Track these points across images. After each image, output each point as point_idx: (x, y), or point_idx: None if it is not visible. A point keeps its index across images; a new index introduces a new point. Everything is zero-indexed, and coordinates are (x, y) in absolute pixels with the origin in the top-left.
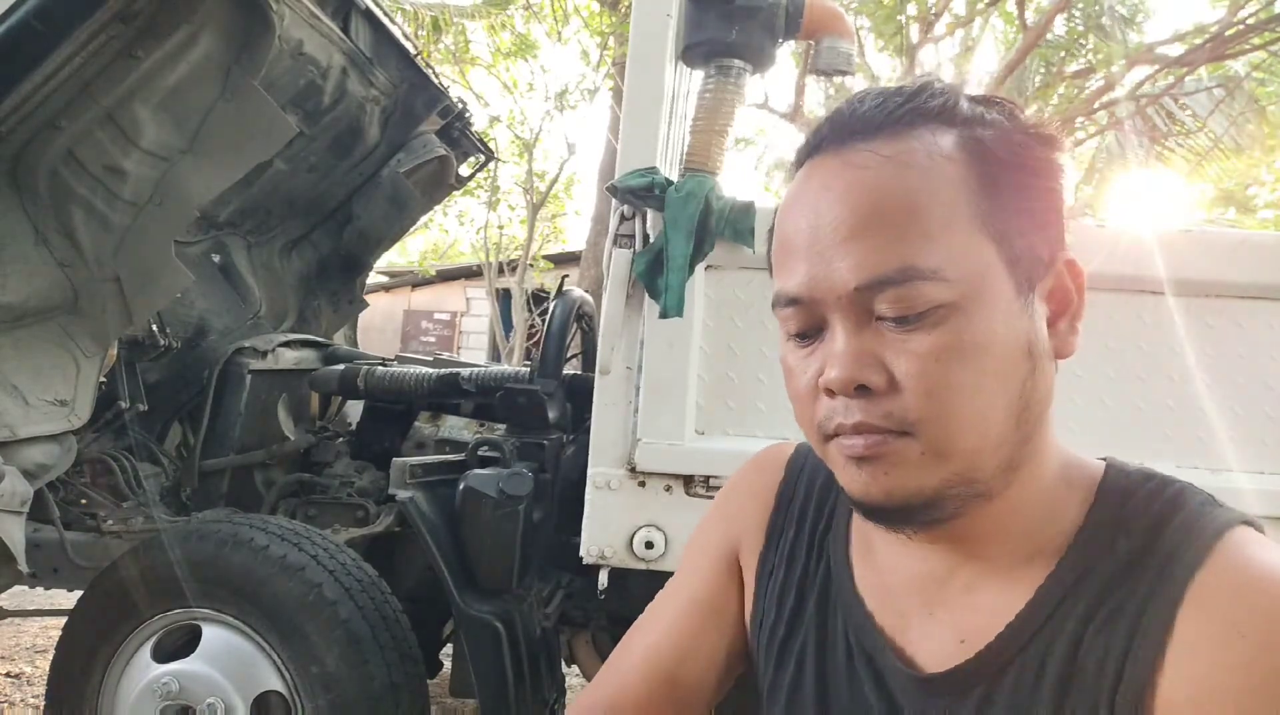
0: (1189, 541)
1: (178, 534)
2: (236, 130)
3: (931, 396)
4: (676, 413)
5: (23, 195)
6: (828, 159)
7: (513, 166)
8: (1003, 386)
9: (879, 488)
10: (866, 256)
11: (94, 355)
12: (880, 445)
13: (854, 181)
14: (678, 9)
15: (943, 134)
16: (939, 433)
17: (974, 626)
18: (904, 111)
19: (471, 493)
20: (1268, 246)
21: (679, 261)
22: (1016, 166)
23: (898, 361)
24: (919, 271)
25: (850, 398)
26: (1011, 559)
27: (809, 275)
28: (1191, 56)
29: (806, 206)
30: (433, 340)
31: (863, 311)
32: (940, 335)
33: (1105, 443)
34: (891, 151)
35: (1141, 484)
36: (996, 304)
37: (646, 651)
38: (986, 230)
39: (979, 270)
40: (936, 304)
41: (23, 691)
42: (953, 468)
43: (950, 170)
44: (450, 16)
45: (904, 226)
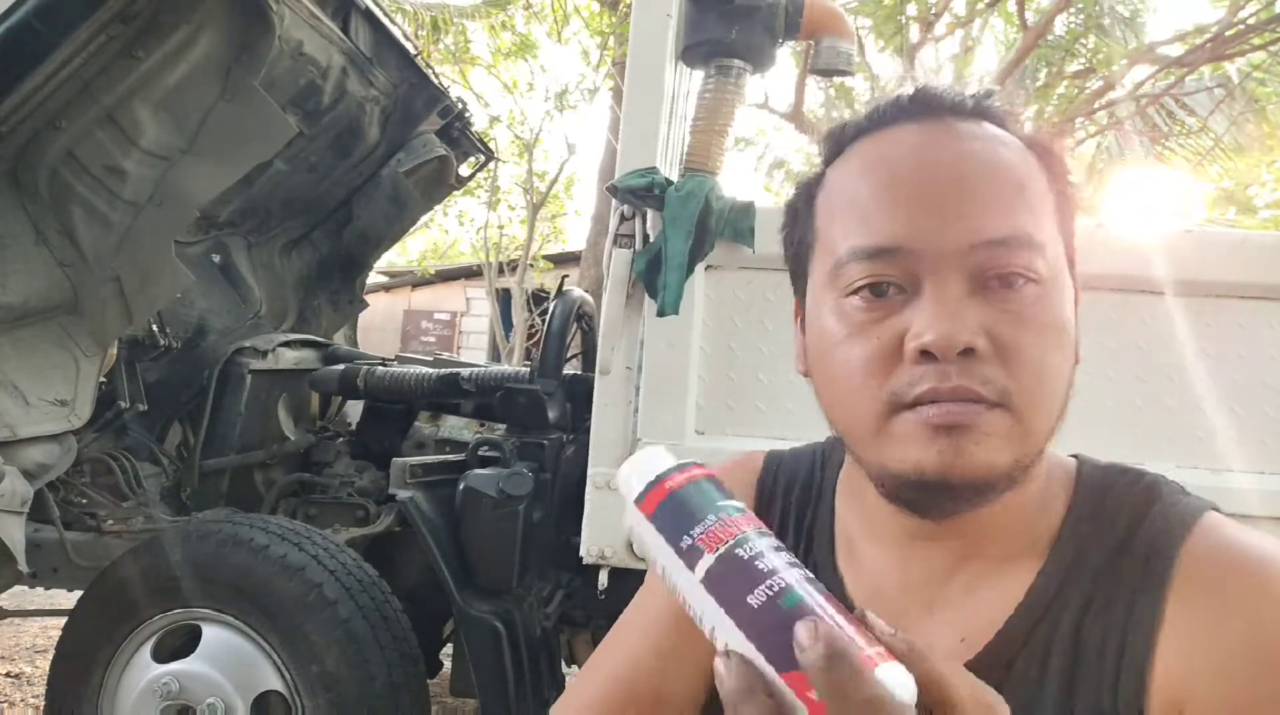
0: (1169, 528)
1: (178, 534)
2: (236, 130)
3: (1031, 369)
4: (676, 413)
5: (23, 195)
6: (916, 128)
7: (513, 166)
8: (1067, 373)
9: (964, 460)
10: (984, 218)
11: (94, 355)
12: (975, 415)
13: (967, 147)
14: (678, 9)
15: (1013, 136)
16: (1028, 406)
17: (974, 624)
18: (984, 106)
19: (471, 493)
20: (1268, 246)
21: (678, 260)
22: (1062, 175)
23: (1004, 329)
24: (1030, 240)
25: (948, 362)
26: (1007, 554)
27: (916, 226)
28: (1191, 57)
29: (906, 161)
30: (433, 340)
31: (966, 273)
32: (1039, 310)
33: (1105, 443)
34: (991, 133)
35: (1118, 477)
36: (1067, 293)
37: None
38: (1058, 226)
39: (1060, 259)
40: (1039, 278)
41: (23, 691)
42: (1028, 447)
43: (1035, 164)
44: (450, 16)
45: (1016, 198)
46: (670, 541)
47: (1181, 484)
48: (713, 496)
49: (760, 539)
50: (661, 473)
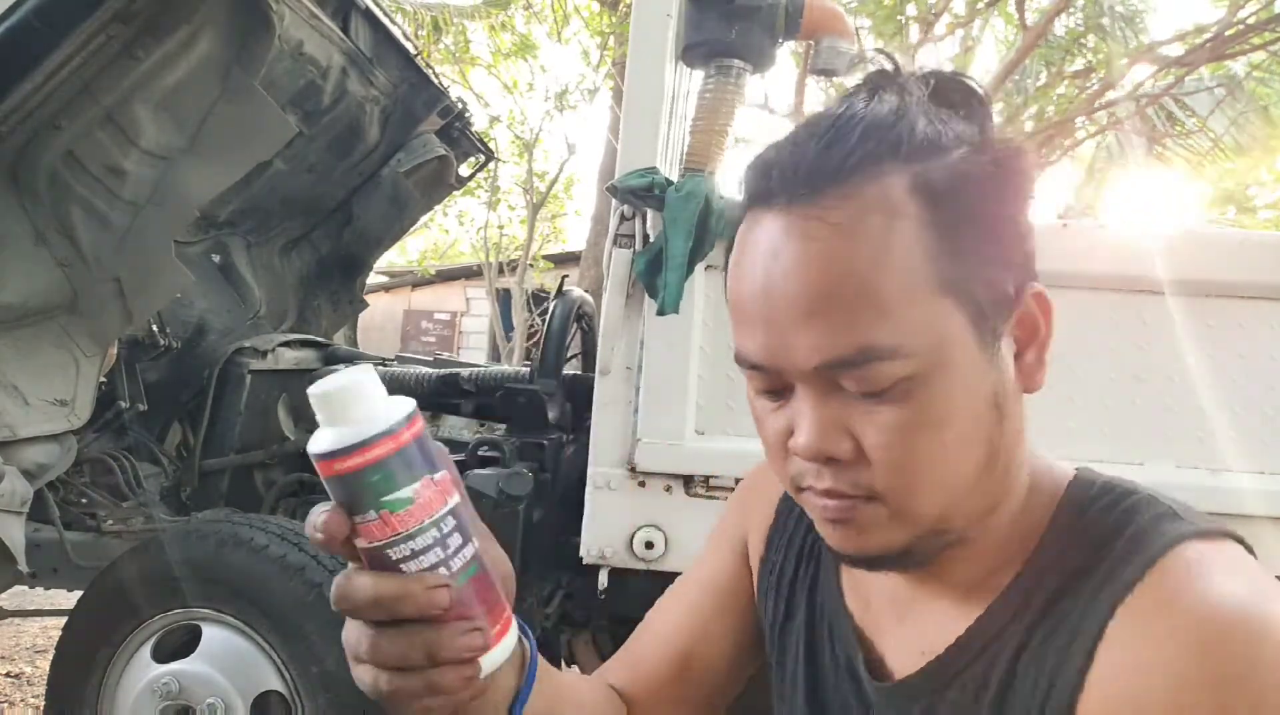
0: (1130, 558)
1: (177, 534)
2: (236, 130)
3: (897, 468)
4: (676, 413)
5: (22, 195)
6: (774, 218)
7: (513, 166)
8: (968, 448)
9: (851, 545)
10: (822, 338)
11: (94, 355)
12: (850, 510)
13: (803, 254)
14: (678, 9)
15: (895, 180)
16: (906, 500)
17: (933, 638)
18: (852, 162)
19: (471, 493)
20: (1268, 246)
21: (678, 259)
22: (979, 203)
23: (865, 432)
24: (877, 351)
25: (819, 465)
26: (972, 575)
27: (767, 347)
28: (1191, 56)
29: (757, 271)
30: (433, 340)
31: (827, 382)
32: (904, 409)
33: (1106, 443)
34: (840, 217)
35: (1099, 496)
36: (960, 367)
37: (665, 630)
38: (947, 290)
39: (941, 337)
40: (899, 379)
41: (23, 691)
42: (921, 528)
43: (906, 231)
44: (450, 16)
45: (858, 306)
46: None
47: (1177, 505)
48: (379, 489)
49: (406, 542)
50: (336, 449)
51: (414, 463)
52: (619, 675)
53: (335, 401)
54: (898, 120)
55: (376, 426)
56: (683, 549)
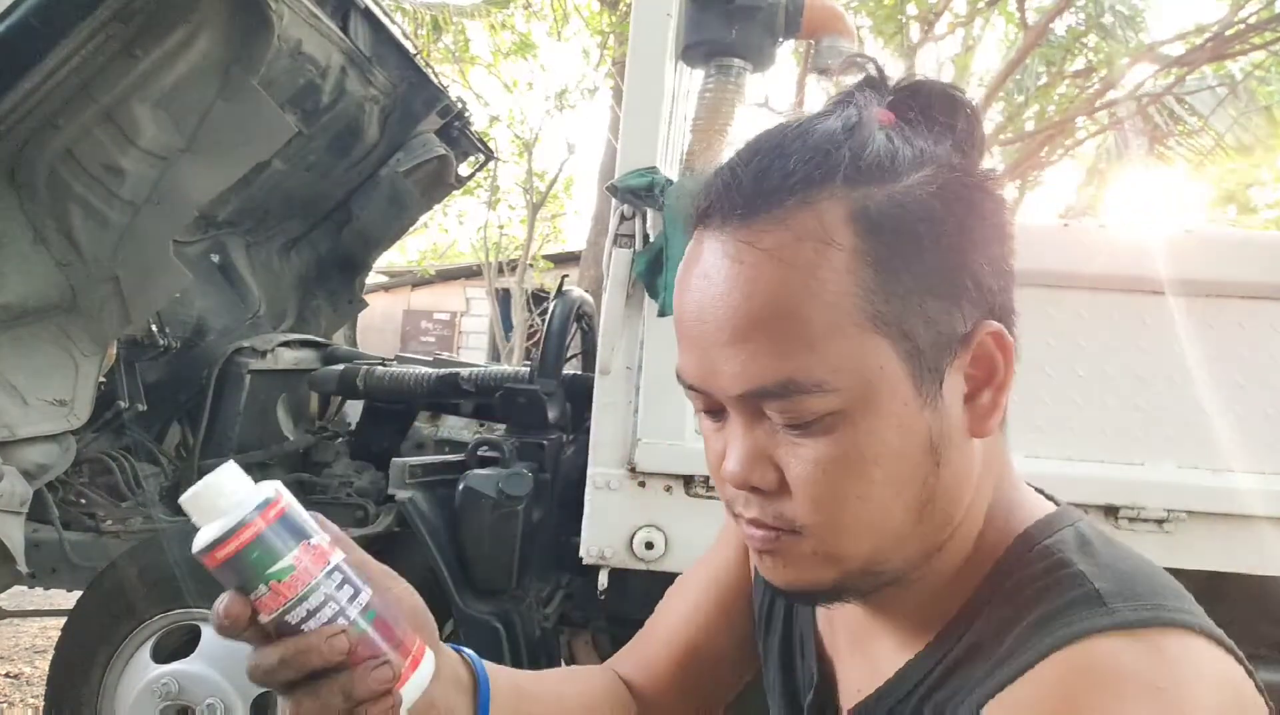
0: (1029, 643)
1: (177, 534)
2: (235, 129)
3: (819, 504)
4: (676, 413)
5: (21, 194)
6: (710, 237)
7: (513, 166)
8: (897, 491)
9: (778, 578)
10: (746, 365)
11: (93, 355)
12: (774, 541)
13: (732, 279)
14: (678, 9)
15: (833, 207)
16: (828, 537)
17: (866, 679)
18: (788, 186)
19: (471, 493)
20: (1269, 246)
21: (678, 260)
22: (925, 235)
23: (788, 465)
24: (800, 385)
25: (746, 492)
26: (909, 620)
27: (698, 370)
28: (1192, 56)
29: (692, 291)
30: (432, 340)
31: (753, 409)
32: (829, 444)
33: (1106, 443)
34: (772, 242)
35: (1031, 563)
36: (890, 407)
37: (671, 622)
38: (879, 326)
39: (869, 376)
40: (823, 413)
41: (23, 691)
42: (848, 566)
43: (837, 261)
44: (450, 16)
45: (783, 336)
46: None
47: (1113, 585)
48: (262, 563)
49: (300, 605)
50: (213, 541)
51: (286, 535)
52: (627, 665)
53: (203, 501)
54: (846, 139)
55: (243, 511)
56: (683, 549)
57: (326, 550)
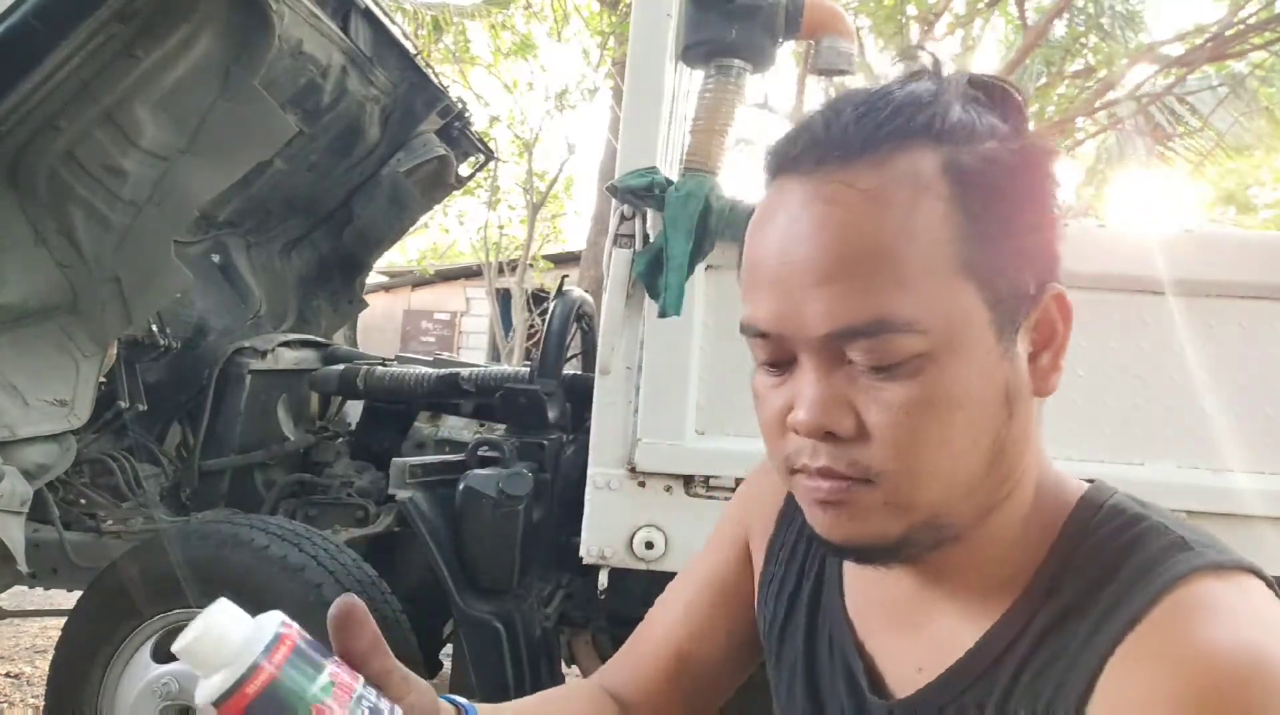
0: (1133, 593)
1: (178, 534)
2: (236, 130)
3: (899, 449)
4: (676, 413)
5: (22, 195)
6: (798, 182)
7: (513, 166)
8: (975, 438)
9: (840, 532)
10: (836, 303)
11: (94, 355)
12: (843, 492)
13: (825, 218)
14: (678, 9)
15: (927, 157)
16: (903, 485)
17: (930, 656)
18: (884, 134)
19: (471, 493)
20: (1268, 246)
21: (679, 260)
22: (1008, 193)
23: (868, 409)
24: (892, 323)
25: (817, 441)
26: (970, 590)
27: (777, 312)
28: (1192, 56)
29: (774, 236)
30: (432, 340)
31: (834, 354)
32: (913, 387)
33: (1106, 443)
34: (869, 184)
35: (1106, 520)
36: (974, 353)
37: (662, 628)
38: (969, 272)
39: (957, 319)
40: (911, 355)
41: (23, 691)
42: (917, 517)
43: (933, 206)
44: (450, 16)
45: (878, 274)
46: None
47: (1190, 533)
48: (297, 693)
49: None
50: (238, 680)
51: (304, 670)
52: (617, 675)
53: (204, 649)
54: (932, 102)
55: (251, 654)
56: (683, 549)
57: (349, 680)
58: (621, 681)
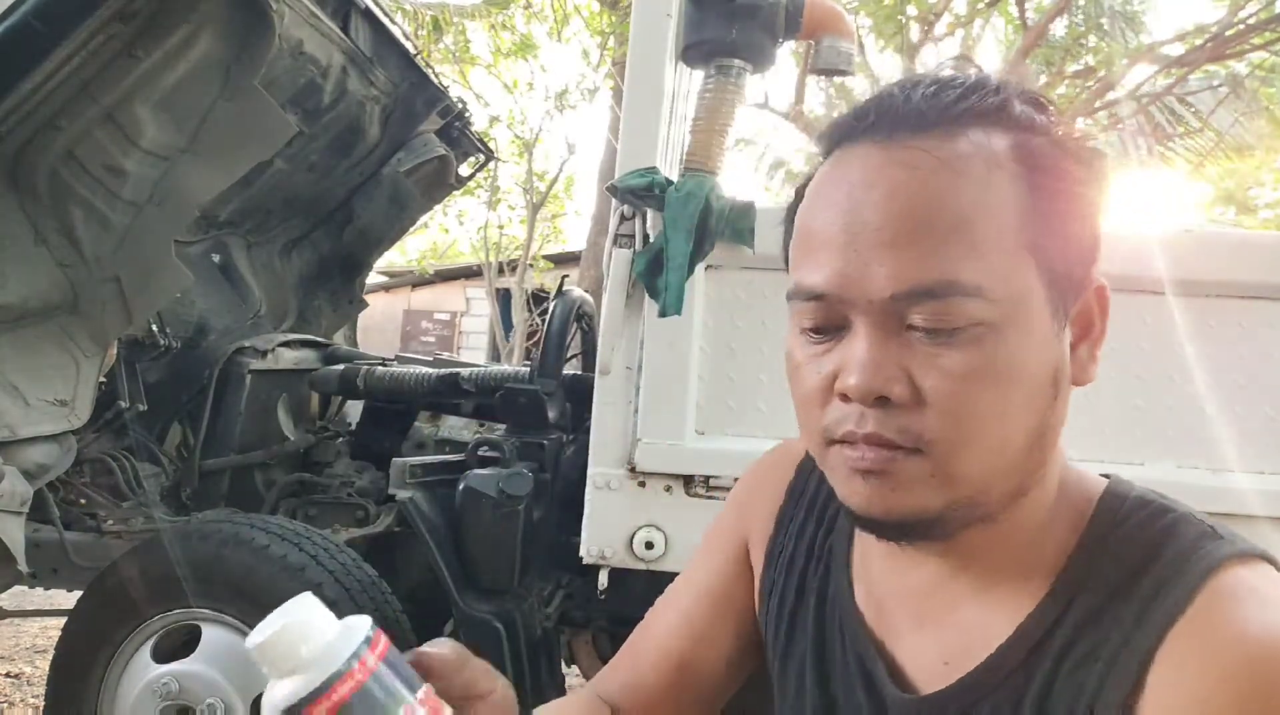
0: (1174, 581)
1: (178, 534)
2: (236, 130)
3: (954, 417)
4: (676, 413)
5: (22, 195)
6: (871, 150)
7: (513, 166)
8: (1025, 415)
9: (881, 504)
10: (907, 264)
11: (94, 355)
12: (889, 461)
13: (902, 181)
14: (678, 9)
15: (996, 137)
16: (953, 456)
17: (958, 649)
18: (959, 109)
19: (471, 493)
20: (1268, 246)
21: (679, 261)
22: (1064, 182)
23: (926, 375)
24: (961, 287)
25: (866, 407)
26: (998, 579)
27: (841, 273)
28: (1192, 56)
29: (843, 199)
30: (433, 340)
31: (894, 319)
32: (974, 355)
33: (1106, 443)
34: (945, 154)
35: (1135, 510)
36: (1033, 329)
37: (660, 637)
38: (1032, 250)
39: (1021, 292)
40: (975, 322)
41: (23, 691)
42: (960, 492)
43: (1002, 181)
44: (450, 16)
45: (950, 237)
46: None
47: (1215, 523)
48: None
49: None
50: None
51: (393, 684)
52: (614, 683)
53: (282, 648)
54: (1001, 89)
55: (338, 659)
56: (683, 549)
57: (439, 704)
58: (620, 692)
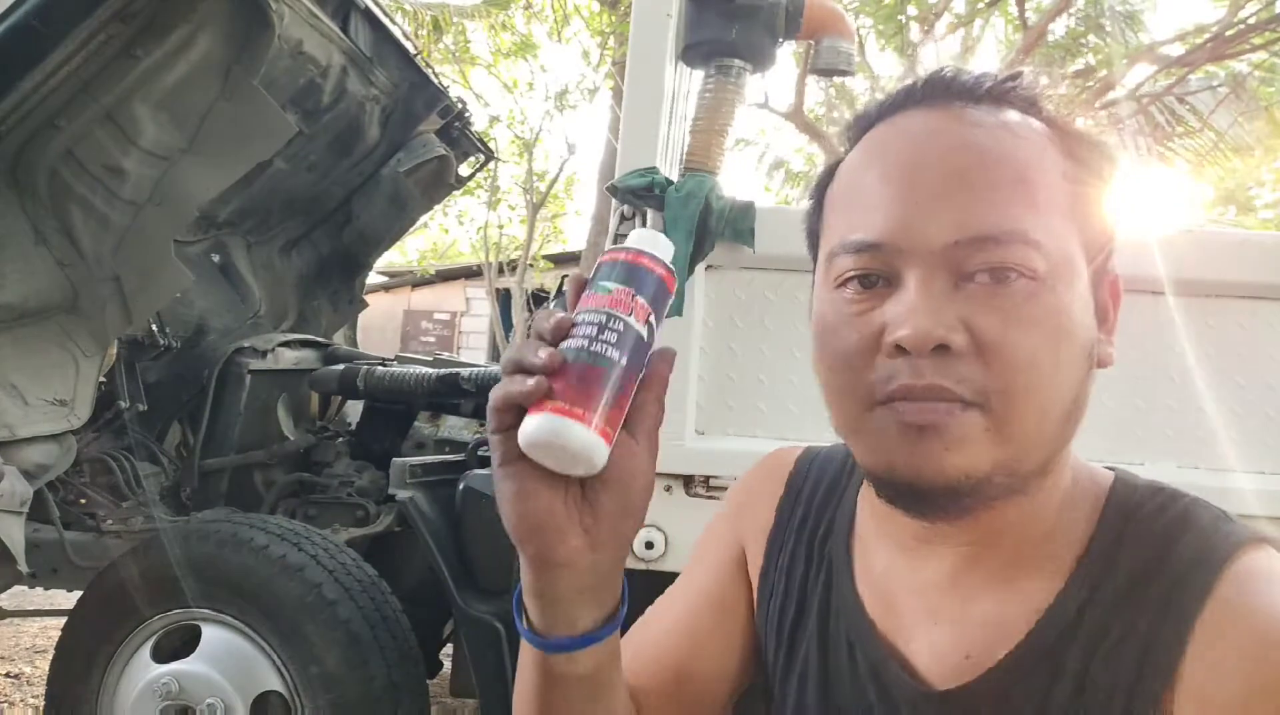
0: (1198, 565)
1: (178, 534)
2: (236, 130)
3: (1013, 366)
4: (676, 413)
5: (22, 195)
6: (926, 113)
7: (513, 166)
8: (1071, 376)
9: (934, 464)
10: (973, 212)
11: (94, 355)
12: (947, 414)
13: (967, 136)
14: (678, 9)
15: (1038, 124)
16: (1009, 408)
17: (980, 641)
18: (1003, 90)
19: (471, 493)
20: (1269, 246)
21: (679, 262)
22: (1098, 179)
23: (986, 322)
24: (1025, 236)
25: (922, 358)
26: (1015, 570)
27: (900, 222)
28: (1192, 56)
29: (903, 150)
30: (433, 340)
31: (949, 269)
32: (1030, 307)
33: (1105, 443)
34: (1003, 118)
35: (1149, 498)
36: (1077, 292)
37: (658, 646)
38: (1075, 218)
39: (1069, 254)
40: (1033, 272)
41: (23, 691)
42: (1009, 451)
43: (1051, 152)
44: (450, 16)
45: (1015, 191)
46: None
47: (1222, 510)
48: (597, 277)
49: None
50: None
51: (639, 281)
52: None
53: (647, 238)
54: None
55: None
56: (683, 549)
57: (640, 313)
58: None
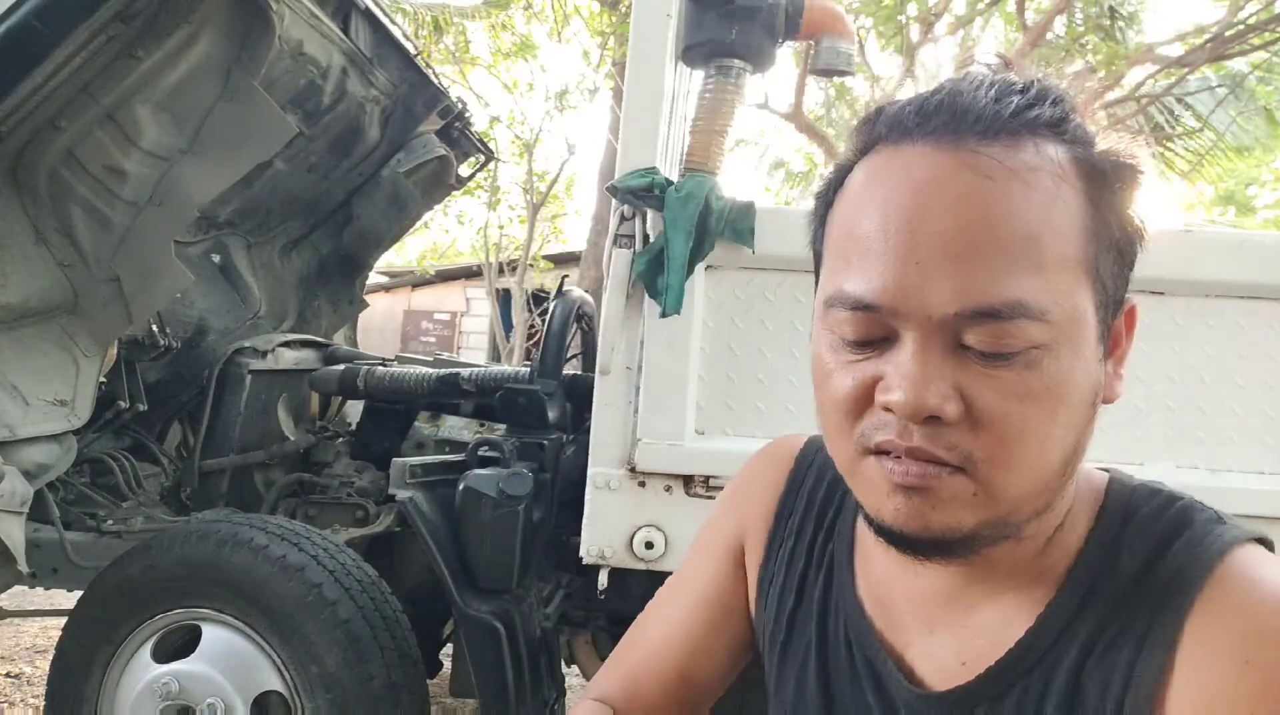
0: (1192, 563)
1: (178, 534)
2: (236, 130)
3: (1004, 438)
4: (676, 413)
5: (23, 195)
6: (934, 151)
7: (513, 166)
8: (1066, 435)
9: (919, 521)
10: (973, 282)
11: (94, 355)
12: (933, 478)
13: (973, 191)
14: (678, 9)
15: (1059, 149)
16: (997, 475)
17: (976, 648)
18: (1025, 117)
19: (471, 493)
20: (1268, 246)
21: (679, 261)
22: (1118, 198)
23: (981, 395)
24: (1026, 308)
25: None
26: (1014, 582)
27: (897, 286)
28: (1191, 57)
29: (905, 201)
30: (433, 340)
31: (948, 335)
32: (1029, 377)
33: (1105, 443)
34: (1016, 163)
35: (1146, 500)
36: (1082, 350)
37: (658, 648)
38: (1088, 268)
39: (1077, 313)
40: (1033, 344)
41: (23, 691)
42: (998, 511)
43: (1068, 196)
44: (450, 16)
45: (1020, 256)
46: None
47: (1217, 511)
48: None
49: None
50: None
51: None
52: (613, 687)
53: None
54: (1063, 100)
55: None
56: (683, 549)
57: None
58: (619, 694)
